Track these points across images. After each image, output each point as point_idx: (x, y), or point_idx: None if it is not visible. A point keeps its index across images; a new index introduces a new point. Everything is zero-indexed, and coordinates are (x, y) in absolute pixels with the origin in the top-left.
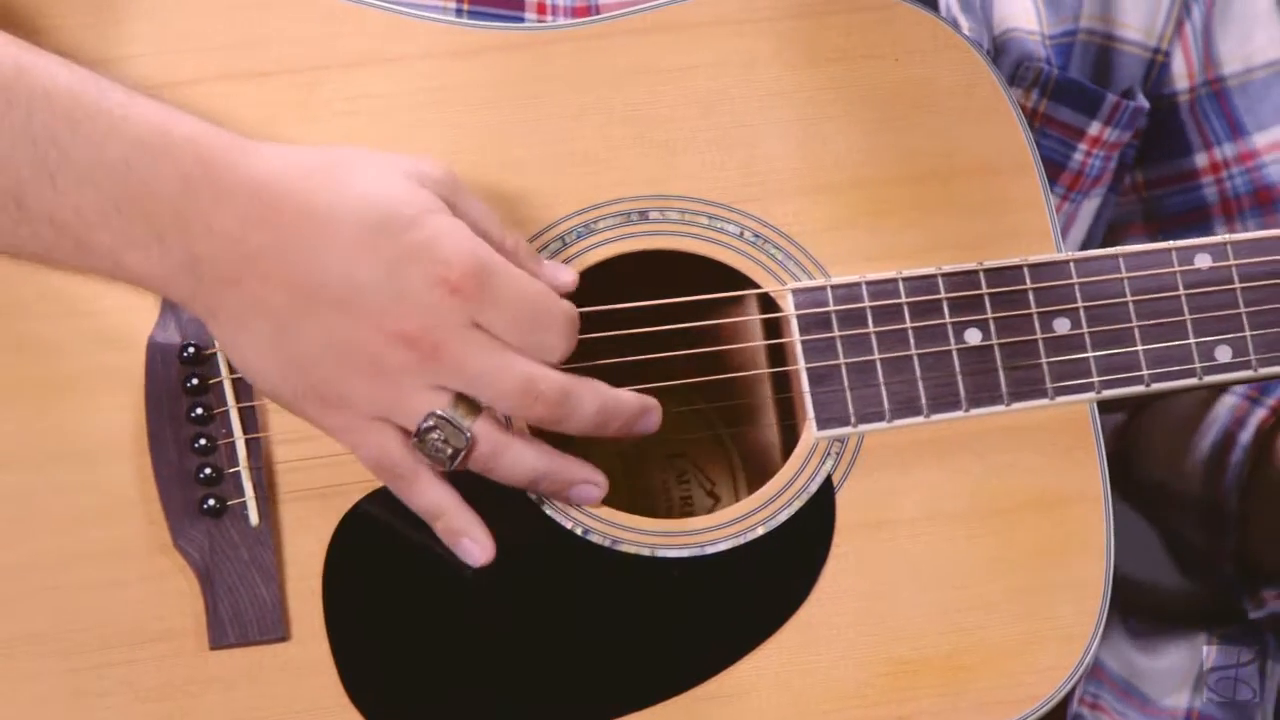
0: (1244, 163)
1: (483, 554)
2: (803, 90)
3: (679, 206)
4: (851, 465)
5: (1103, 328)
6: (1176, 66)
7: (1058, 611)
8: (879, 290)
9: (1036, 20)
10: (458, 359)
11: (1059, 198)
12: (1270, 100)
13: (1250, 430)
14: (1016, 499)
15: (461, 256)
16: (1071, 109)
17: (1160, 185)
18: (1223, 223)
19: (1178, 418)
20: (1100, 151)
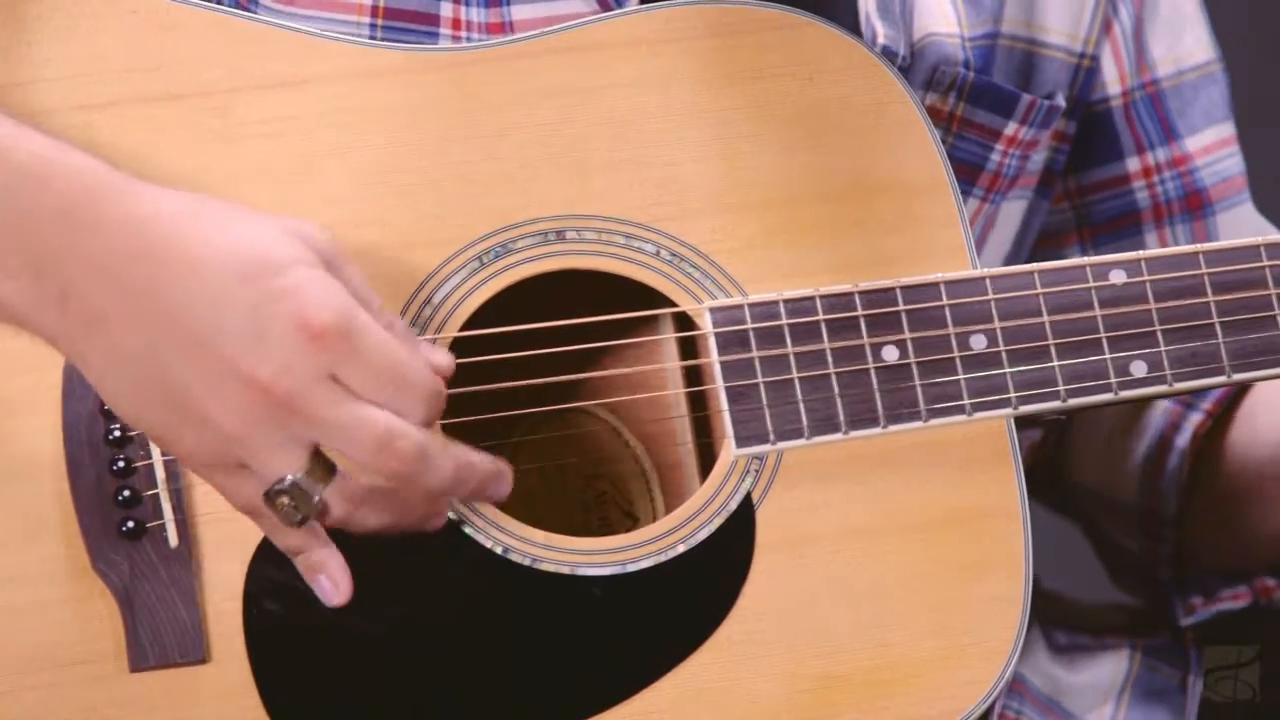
0: (1176, 167)
1: (336, 594)
2: (719, 109)
3: (596, 226)
4: (771, 482)
5: (1019, 344)
6: (1107, 71)
7: (978, 626)
8: (797, 308)
9: (956, 23)
10: (311, 409)
11: (978, 200)
12: (1200, 104)
13: (1187, 434)
14: (935, 514)
15: (327, 306)
16: (988, 111)
17: (1093, 191)
18: (1154, 228)
19: (1111, 424)
20: (1016, 151)
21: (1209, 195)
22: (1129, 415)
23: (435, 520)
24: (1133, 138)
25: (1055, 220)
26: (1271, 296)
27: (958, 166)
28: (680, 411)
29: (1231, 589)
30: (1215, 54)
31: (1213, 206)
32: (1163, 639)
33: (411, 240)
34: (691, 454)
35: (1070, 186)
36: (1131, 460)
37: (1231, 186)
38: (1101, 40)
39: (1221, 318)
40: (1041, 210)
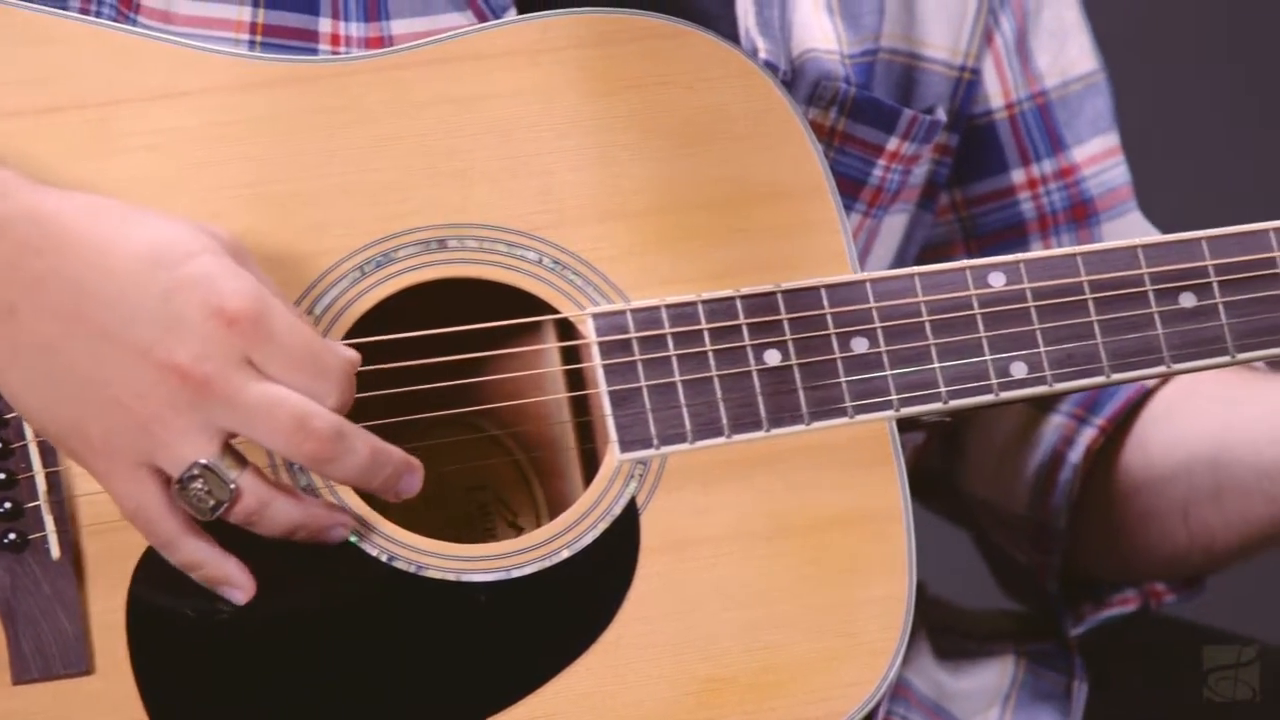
0: (1063, 178)
1: (244, 596)
2: (599, 118)
3: (478, 235)
4: (655, 487)
5: (900, 346)
6: (989, 84)
7: (861, 628)
8: (678, 314)
9: (835, 40)
10: (229, 391)
11: (860, 214)
12: (1085, 114)
13: (1080, 450)
14: (819, 517)
15: (239, 292)
16: (869, 126)
17: (978, 203)
18: (1039, 239)
19: (1005, 437)
20: (898, 166)
21: (1095, 205)
22: (1022, 428)
23: (338, 530)
24: (1018, 150)
25: (941, 232)
26: (1149, 296)
27: (840, 181)
28: (563, 418)
29: (1120, 594)
30: (1099, 64)
31: (1098, 216)
32: (1048, 644)
33: (292, 251)
34: (575, 460)
35: (956, 199)
36: (1023, 474)
37: (1117, 196)
38: (983, 53)
39: (1100, 319)
40: (924, 223)
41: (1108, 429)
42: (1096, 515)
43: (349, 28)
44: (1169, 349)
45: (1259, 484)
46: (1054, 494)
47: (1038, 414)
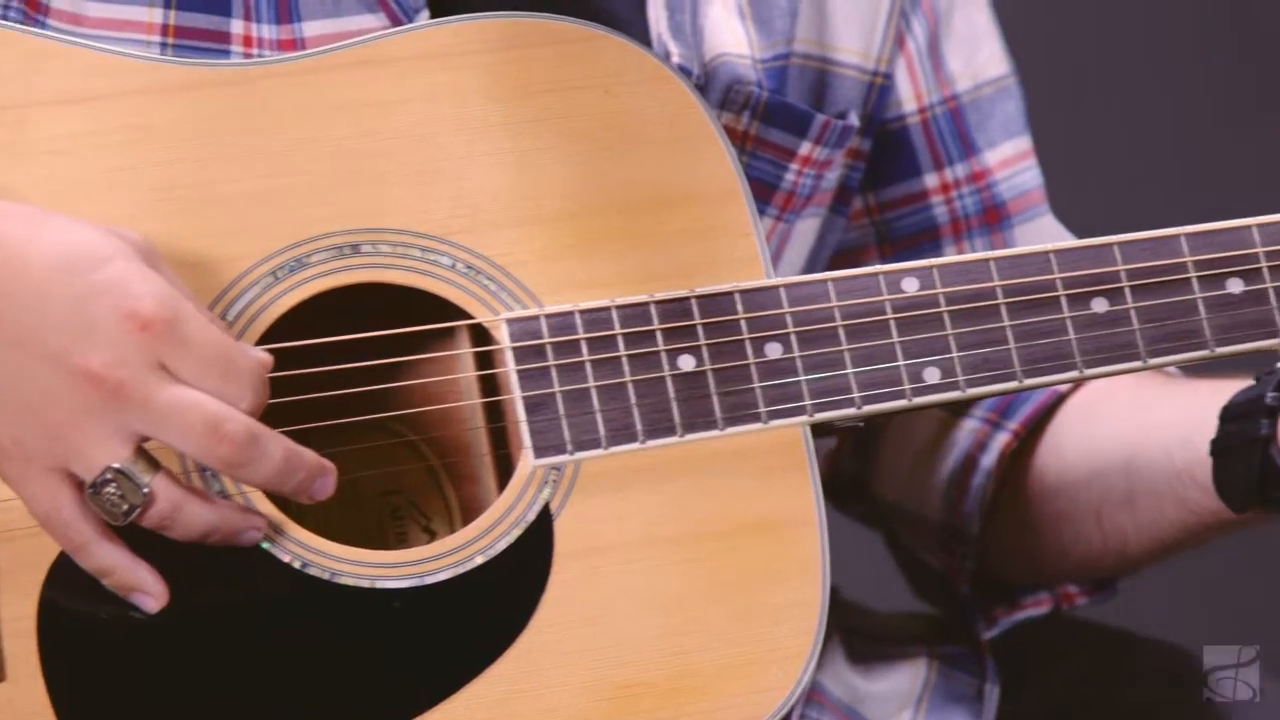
0: (975, 182)
1: (156, 603)
2: (513, 122)
3: (391, 239)
4: (569, 493)
5: (814, 351)
6: (902, 88)
7: (775, 633)
8: (593, 319)
9: (747, 44)
10: (142, 395)
11: (772, 219)
12: (997, 117)
13: (993, 454)
14: (733, 522)
15: (153, 296)
16: (782, 130)
17: (891, 207)
18: (952, 242)
19: (918, 441)
20: (811, 170)
21: (1007, 209)
22: (935, 433)
23: (251, 533)
24: (931, 154)
25: (855, 236)
26: (1061, 302)
27: (752, 185)
28: (477, 424)
29: (1033, 596)
30: (1010, 68)
31: (1011, 220)
32: (960, 647)
33: (205, 257)
34: (489, 466)
35: (869, 203)
36: (936, 478)
37: (1030, 199)
38: (895, 57)
39: (1012, 324)
40: (836, 227)
41: (1021, 433)
42: (1010, 518)
43: (261, 29)
44: (1081, 354)
45: (1170, 487)
46: (967, 498)
47: (951, 418)
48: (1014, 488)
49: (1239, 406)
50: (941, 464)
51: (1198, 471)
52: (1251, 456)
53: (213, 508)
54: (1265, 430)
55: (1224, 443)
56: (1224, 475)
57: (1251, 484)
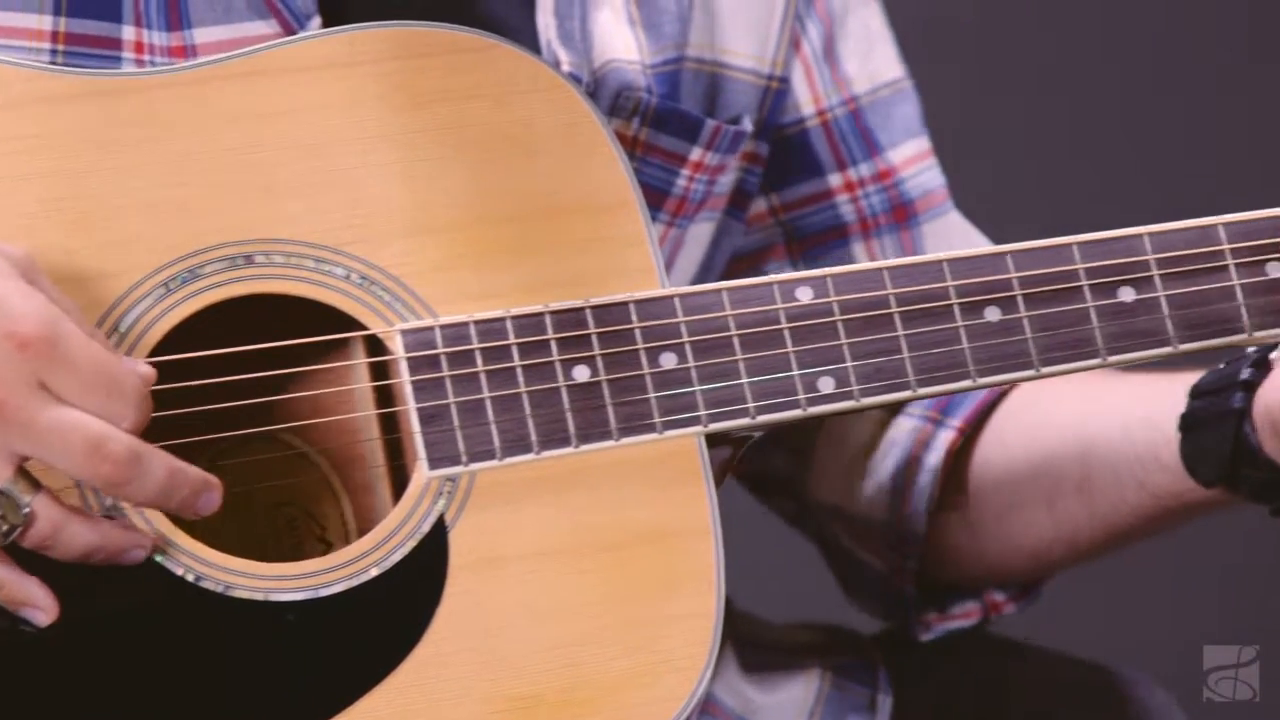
0: (881, 180)
1: (47, 617)
2: (406, 132)
3: (284, 250)
4: (464, 504)
5: (708, 361)
6: (799, 91)
7: (670, 644)
8: (487, 330)
9: (637, 50)
10: (23, 415)
11: (664, 225)
12: (897, 119)
13: (939, 452)
14: (628, 533)
15: (33, 314)
16: (672, 136)
17: (797, 207)
18: (861, 240)
19: (855, 441)
20: (702, 176)
21: (915, 207)
22: (873, 433)
23: (136, 551)
24: (833, 155)
25: (761, 237)
26: (954, 311)
27: (644, 192)
28: (372, 435)
29: (962, 606)
30: (904, 71)
31: (919, 218)
32: (852, 658)
33: (95, 269)
34: (384, 477)
35: (774, 203)
36: (877, 479)
37: (935, 198)
38: (791, 60)
39: (906, 333)
40: (733, 230)
41: (966, 430)
42: (957, 515)
43: (152, 36)
44: (974, 363)
45: (1130, 469)
46: (912, 498)
47: (887, 417)
48: (960, 484)
49: (1210, 383)
50: (882, 464)
51: (1161, 451)
52: (1224, 430)
53: (94, 527)
54: (1239, 403)
55: (1194, 417)
56: (1193, 450)
57: (1223, 457)
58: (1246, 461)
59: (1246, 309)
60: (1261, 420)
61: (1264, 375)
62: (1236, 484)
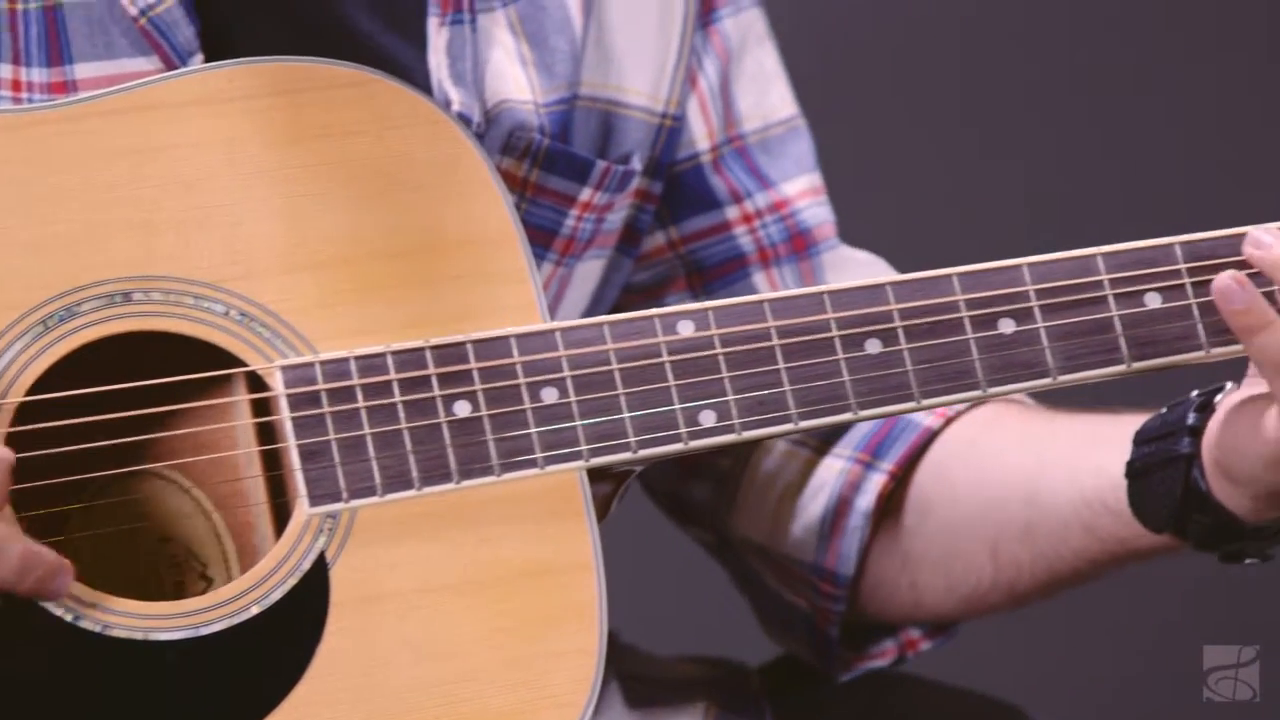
0: (777, 210)
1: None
2: (285, 168)
3: (164, 287)
4: (345, 541)
5: (590, 396)
6: (695, 128)
7: (552, 680)
8: (368, 365)
9: (529, 90)
10: None
11: (552, 264)
12: (789, 155)
13: (870, 496)
14: (509, 568)
15: None
16: (561, 177)
17: (695, 239)
18: (761, 270)
19: (782, 481)
20: (590, 215)
21: (813, 236)
22: (800, 472)
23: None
24: (728, 189)
25: (661, 270)
26: (835, 343)
27: (532, 232)
28: (254, 472)
29: (880, 645)
30: (798, 110)
31: (817, 247)
32: (737, 691)
33: None
34: (265, 514)
35: (672, 237)
36: (805, 520)
37: (829, 229)
38: (686, 98)
39: (787, 366)
40: (623, 267)
41: (898, 474)
42: (891, 559)
43: (31, 73)
44: (855, 396)
45: (1078, 515)
46: (841, 540)
47: (815, 458)
48: (895, 528)
49: (1155, 429)
50: (811, 506)
51: (1108, 497)
52: (1172, 475)
53: None
54: (1187, 449)
55: (1141, 463)
56: (1141, 496)
57: (1172, 503)
58: (1196, 506)
59: (1125, 340)
60: (1210, 464)
61: (1209, 419)
62: (1185, 529)
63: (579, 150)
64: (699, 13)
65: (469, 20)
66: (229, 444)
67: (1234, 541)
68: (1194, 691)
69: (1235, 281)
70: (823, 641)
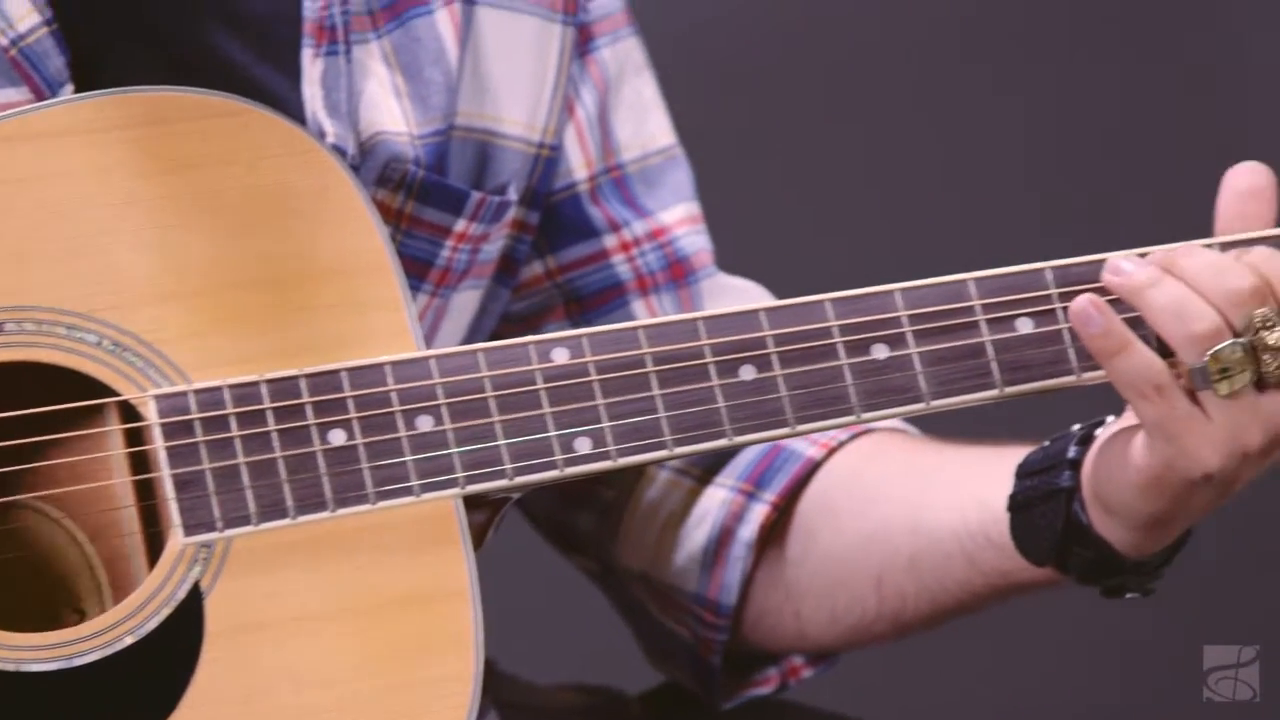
0: (656, 238)
1: None
2: (157, 198)
3: (36, 317)
4: (220, 570)
5: (465, 423)
6: (572, 157)
7: (430, 708)
8: (241, 394)
9: (404, 122)
10: None
11: (428, 294)
12: (668, 184)
13: (752, 526)
14: (385, 596)
15: None
16: (436, 209)
17: (573, 268)
18: (639, 297)
19: (665, 511)
20: (466, 246)
21: (691, 264)
22: (683, 502)
23: None
24: (605, 218)
25: (540, 299)
26: (709, 369)
27: (407, 263)
28: (127, 502)
29: (763, 673)
30: (676, 139)
31: (696, 274)
32: None
33: None
34: (139, 544)
35: (550, 266)
36: (688, 550)
37: (706, 257)
38: (564, 127)
39: (662, 393)
40: (500, 297)
41: (780, 505)
42: (774, 589)
43: None
44: (730, 422)
45: (961, 547)
46: (724, 571)
47: (698, 488)
48: (778, 558)
49: (1037, 462)
50: (694, 535)
51: (991, 529)
52: (1053, 508)
53: None
54: (1067, 482)
55: (1022, 496)
56: (1023, 529)
57: (1053, 536)
58: (1076, 540)
59: (997, 365)
60: (1090, 497)
61: (1088, 451)
62: (1067, 562)
63: (454, 181)
64: (576, 42)
65: (344, 52)
66: (103, 474)
67: (1114, 576)
68: (1194, 691)
69: (1092, 305)
70: (705, 670)
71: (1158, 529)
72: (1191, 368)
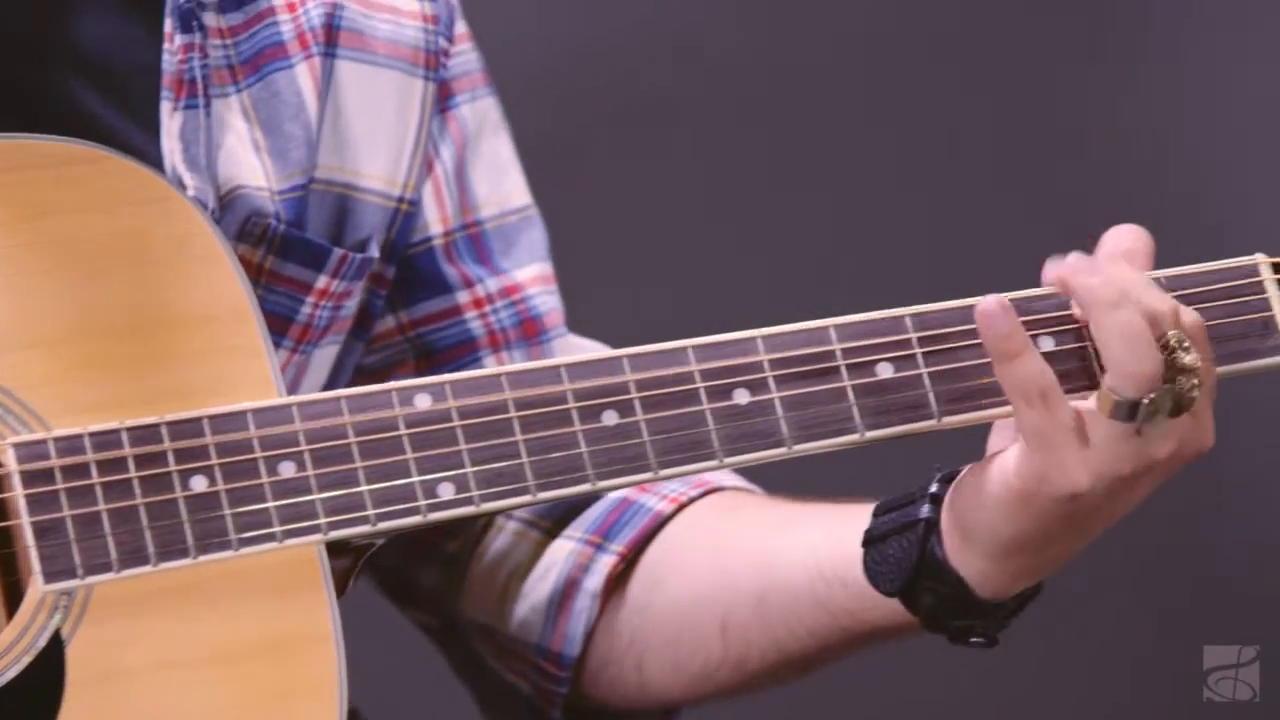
0: (509, 295)
1: None
2: (14, 245)
3: None
4: (81, 618)
5: (328, 469)
6: (429, 212)
7: None
8: (102, 441)
9: (264, 176)
10: None
11: (289, 350)
12: (523, 243)
13: (599, 577)
14: (248, 643)
15: None
16: (298, 264)
17: (425, 324)
18: (491, 354)
19: (511, 562)
20: (328, 303)
21: (544, 323)
22: (528, 555)
23: None
24: (459, 274)
25: (391, 354)
26: (572, 414)
27: (269, 319)
28: None
29: None
30: (531, 200)
31: (548, 333)
32: None
33: None
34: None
35: (403, 320)
36: (533, 601)
37: (559, 317)
38: (423, 182)
39: (525, 438)
40: (355, 351)
41: (628, 555)
42: (616, 637)
43: None
44: (593, 467)
45: (811, 588)
46: (568, 622)
47: (545, 539)
48: (622, 605)
49: (895, 501)
50: (539, 586)
51: (841, 567)
52: (909, 540)
53: None
54: (926, 514)
55: (878, 531)
56: (877, 559)
57: (907, 566)
58: (930, 574)
59: (858, 409)
60: (949, 527)
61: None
62: (917, 596)
63: (315, 236)
64: (437, 98)
65: (203, 105)
66: None
67: (963, 616)
68: (1194, 691)
69: (1000, 306)
70: None
71: (1013, 557)
72: (1120, 399)
